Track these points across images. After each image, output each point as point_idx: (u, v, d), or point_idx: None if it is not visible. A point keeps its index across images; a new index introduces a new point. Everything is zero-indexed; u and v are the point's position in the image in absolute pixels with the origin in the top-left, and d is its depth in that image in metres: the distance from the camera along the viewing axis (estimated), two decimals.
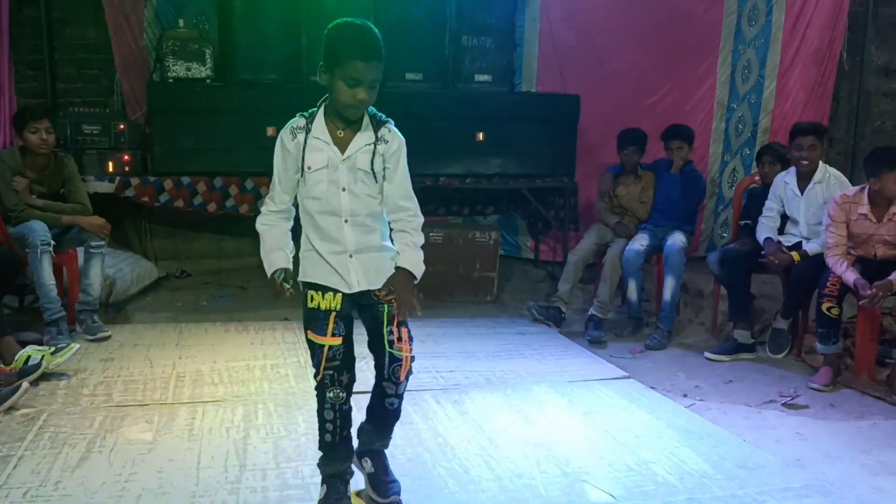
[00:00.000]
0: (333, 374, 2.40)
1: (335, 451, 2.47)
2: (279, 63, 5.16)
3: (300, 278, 2.46)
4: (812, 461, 3.05)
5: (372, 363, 2.50)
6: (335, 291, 2.40)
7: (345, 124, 2.38)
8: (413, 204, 2.45)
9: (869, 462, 3.06)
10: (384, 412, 2.52)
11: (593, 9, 5.88)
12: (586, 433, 3.19)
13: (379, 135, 2.38)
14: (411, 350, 2.46)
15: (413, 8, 5.35)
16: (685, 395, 3.83)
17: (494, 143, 5.47)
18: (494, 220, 6.22)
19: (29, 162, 4.26)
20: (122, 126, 4.97)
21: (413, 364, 2.48)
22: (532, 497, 2.64)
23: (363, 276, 2.41)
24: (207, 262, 5.86)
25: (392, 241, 2.50)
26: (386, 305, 2.43)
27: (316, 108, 2.42)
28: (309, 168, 2.36)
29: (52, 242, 4.10)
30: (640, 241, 4.85)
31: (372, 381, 2.53)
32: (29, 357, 3.56)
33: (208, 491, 2.59)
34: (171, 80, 4.98)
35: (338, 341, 2.39)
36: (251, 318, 4.77)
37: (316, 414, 2.46)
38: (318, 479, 2.54)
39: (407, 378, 2.47)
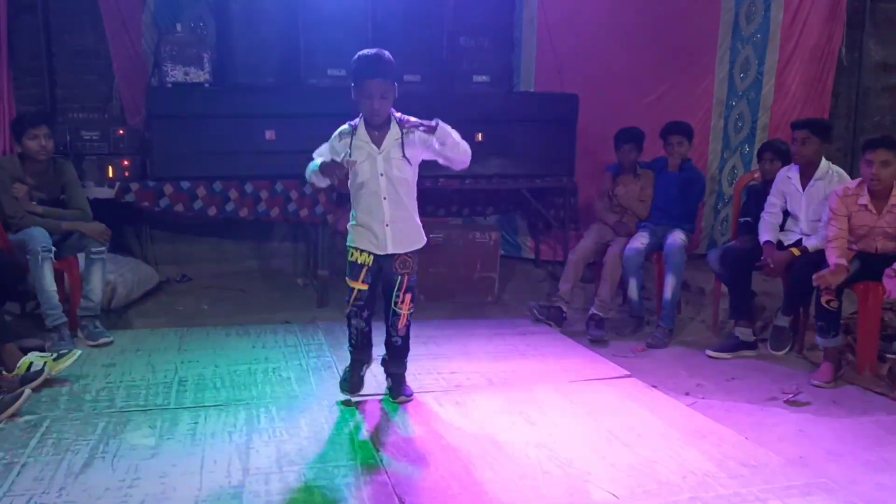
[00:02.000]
0: (357, 309, 3.37)
1: (357, 350, 3.48)
2: (277, 67, 5.16)
3: (348, 243, 3.36)
4: (815, 459, 3.05)
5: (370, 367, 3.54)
6: (370, 253, 3.30)
7: (377, 128, 3.25)
8: (462, 144, 3.28)
9: (872, 459, 3.06)
10: (393, 347, 3.47)
11: (591, 8, 5.88)
12: (588, 433, 3.19)
13: (404, 131, 3.26)
14: (409, 308, 3.40)
15: (410, 9, 5.35)
16: (687, 394, 3.83)
17: (493, 144, 5.47)
18: (494, 221, 6.22)
19: (28, 168, 4.27)
20: (121, 131, 4.97)
21: (410, 319, 3.43)
22: (535, 498, 2.64)
23: (393, 241, 3.29)
24: (208, 267, 5.86)
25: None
26: (400, 277, 3.33)
27: (358, 119, 3.28)
28: (356, 161, 3.20)
29: (53, 249, 4.10)
30: (641, 240, 4.86)
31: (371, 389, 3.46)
32: (31, 363, 3.57)
33: (211, 496, 2.59)
34: (169, 85, 4.98)
35: (365, 287, 3.35)
36: (252, 322, 4.78)
37: (347, 330, 3.48)
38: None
39: (406, 327, 3.43)
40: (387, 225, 3.28)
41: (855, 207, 4.02)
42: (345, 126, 3.31)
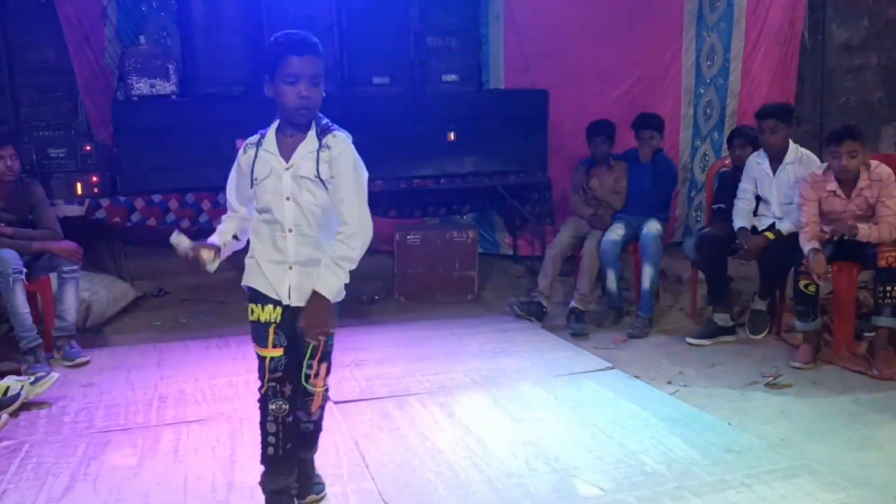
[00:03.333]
0: (276, 385, 2.40)
1: (278, 464, 2.44)
2: (243, 76, 5.11)
3: (243, 283, 2.47)
4: (797, 440, 3.08)
5: (353, 371, 2.66)
6: (275, 303, 2.40)
7: (295, 131, 2.38)
8: (355, 217, 2.35)
9: (853, 437, 3.10)
10: (302, 434, 2.52)
11: (556, 3, 5.88)
12: (573, 428, 3.20)
13: (323, 142, 2.35)
14: (325, 386, 2.49)
15: (375, 12, 5.32)
16: (669, 382, 3.85)
17: (466, 142, 5.47)
18: (471, 219, 6.22)
19: None
20: (88, 147, 4.90)
21: (327, 395, 2.53)
22: (522, 496, 2.64)
23: (297, 290, 2.38)
24: (185, 280, 5.79)
25: None
26: (310, 342, 2.40)
27: (273, 125, 2.44)
28: (256, 179, 2.39)
29: (24, 270, 4.04)
30: (616, 231, 4.88)
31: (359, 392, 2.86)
32: (8, 388, 3.51)
33: None
34: (135, 98, 4.92)
35: (279, 352, 2.40)
36: (232, 334, 4.72)
37: (259, 427, 2.45)
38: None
39: (321, 409, 2.52)
40: (290, 268, 2.38)
41: (824, 193, 4.06)
42: (254, 136, 2.45)
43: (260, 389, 2.44)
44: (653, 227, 4.79)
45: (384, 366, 4.02)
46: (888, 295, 3.81)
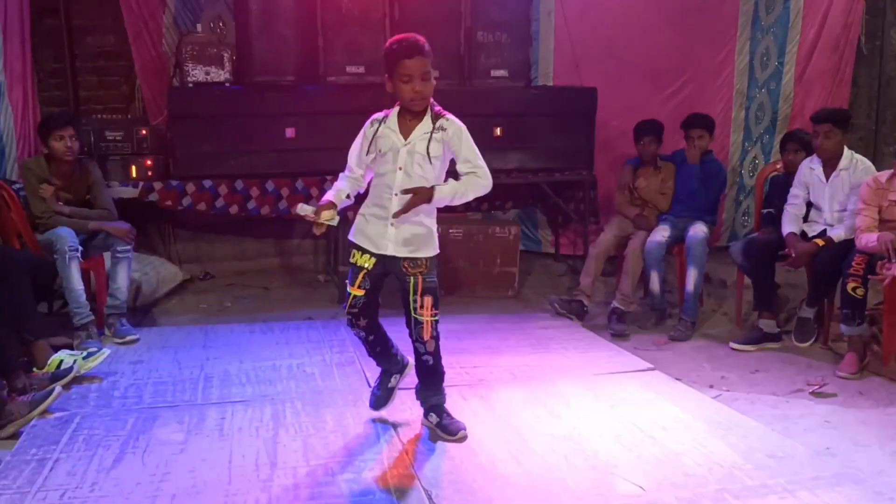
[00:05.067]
0: (352, 318, 3.02)
1: (377, 358, 3.18)
2: (297, 65, 5.18)
3: (349, 236, 3.03)
4: (842, 449, 3.04)
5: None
6: (371, 254, 2.95)
7: (411, 118, 2.92)
8: (483, 169, 2.94)
9: None
10: (423, 368, 3.06)
11: (608, 0, 5.86)
12: (613, 426, 3.20)
13: (437, 125, 2.89)
14: (433, 314, 2.97)
15: (427, 5, 5.35)
16: (711, 386, 3.82)
17: (512, 138, 5.47)
18: (514, 215, 6.22)
19: (54, 169, 4.32)
20: (143, 131, 5.02)
21: (436, 327, 2.99)
22: (561, 491, 2.65)
23: (394, 243, 2.91)
24: (230, 264, 5.92)
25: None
26: (412, 278, 2.93)
27: (394, 108, 2.96)
28: (380, 151, 2.92)
29: (80, 248, 4.16)
30: (662, 233, 4.85)
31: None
32: (62, 361, 3.62)
33: (241, 489, 2.62)
34: (190, 85, 5.02)
35: (361, 292, 2.97)
36: (275, 319, 4.81)
37: None
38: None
39: (433, 338, 2.99)
40: (391, 224, 2.90)
41: (886, 202, 4.00)
42: (376, 114, 2.99)
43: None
44: (699, 229, 4.75)
45: None
46: None
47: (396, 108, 2.94)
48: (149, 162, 4.97)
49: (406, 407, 3.35)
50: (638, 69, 5.89)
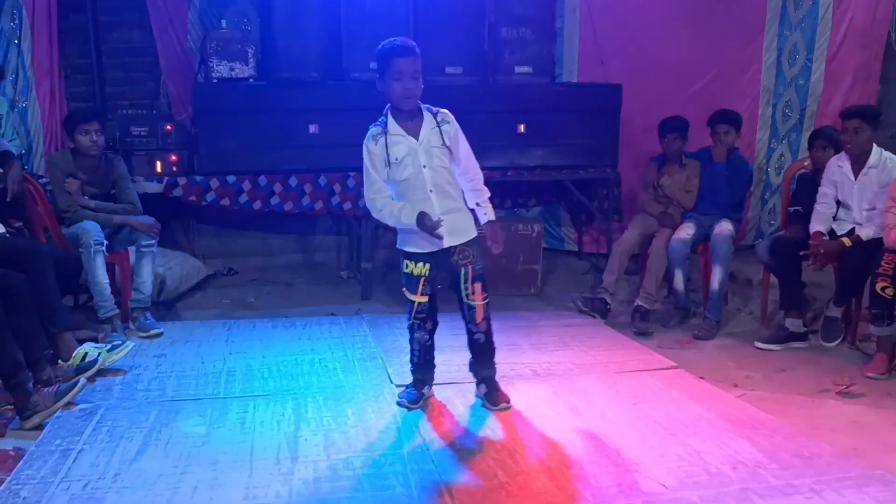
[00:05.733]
0: (420, 322, 3.24)
1: (419, 368, 3.35)
2: (320, 61, 5.18)
3: (398, 246, 3.20)
4: (869, 450, 2.99)
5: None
6: (424, 261, 3.12)
7: (408, 118, 3.05)
8: (477, 168, 3.20)
9: None
10: (475, 345, 3.28)
11: None
12: (636, 424, 3.17)
13: (438, 119, 3.08)
14: (484, 298, 3.21)
15: (451, 1, 5.34)
16: (736, 385, 3.78)
17: (536, 135, 5.44)
18: (537, 213, 6.19)
19: (80, 164, 4.36)
20: (168, 127, 5.05)
21: (488, 309, 3.24)
22: (583, 488, 2.62)
23: (449, 234, 3.07)
24: (253, 260, 5.94)
25: (467, 197, 3.23)
26: (462, 268, 3.14)
27: (383, 117, 3.08)
28: (396, 160, 3.03)
29: (105, 242, 4.19)
30: (686, 230, 4.80)
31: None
32: (86, 354, 3.65)
33: (262, 482, 2.63)
34: (215, 81, 5.04)
35: (425, 299, 3.19)
36: (298, 314, 4.82)
37: (409, 344, 3.35)
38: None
39: (485, 320, 3.23)
40: (439, 219, 3.05)
41: None
42: (372, 128, 3.10)
43: (408, 321, 3.26)
44: (725, 227, 4.70)
45: (445, 353, 4.00)
46: None
47: (389, 117, 3.07)
48: (173, 157, 5.00)
49: (428, 403, 3.34)
50: (663, 65, 5.83)
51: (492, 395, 3.31)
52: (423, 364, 3.34)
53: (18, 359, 3.17)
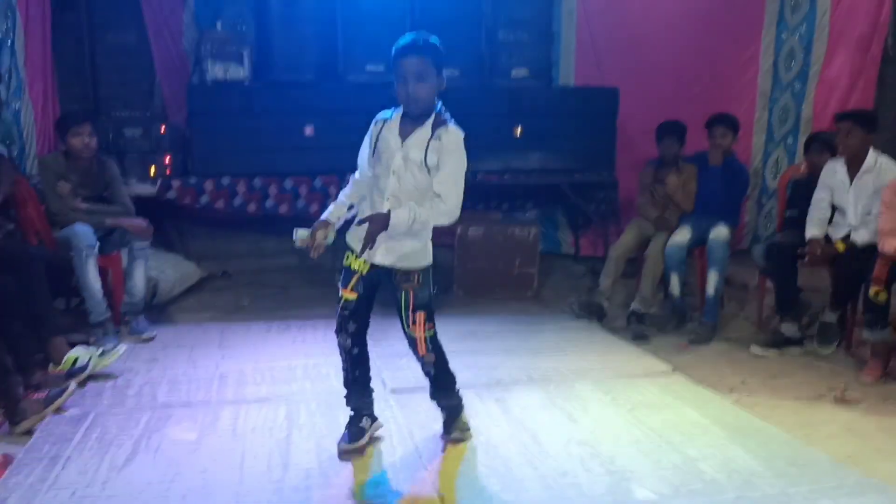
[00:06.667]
0: (342, 321, 2.87)
1: (350, 388, 2.97)
2: (316, 63, 5.17)
3: (346, 238, 2.85)
4: (865, 458, 2.97)
5: (409, 362, 3.03)
6: (367, 260, 2.78)
7: (413, 121, 2.76)
8: (449, 196, 2.70)
9: None
10: (428, 377, 2.97)
11: (631, 0, 5.80)
12: (631, 430, 3.14)
13: (436, 133, 2.71)
14: (429, 328, 2.84)
15: (448, 4, 5.34)
16: (731, 391, 3.75)
17: (533, 138, 5.43)
18: (534, 216, 6.17)
19: (72, 166, 4.33)
20: (162, 129, 5.03)
21: (430, 343, 2.86)
22: (576, 496, 2.60)
23: (385, 253, 2.75)
24: (248, 263, 5.91)
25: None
26: (403, 292, 2.80)
27: (397, 107, 2.81)
28: (378, 151, 2.79)
29: (97, 245, 4.16)
30: (682, 234, 4.78)
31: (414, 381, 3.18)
32: (77, 358, 3.62)
33: (252, 490, 2.60)
34: (210, 83, 5.02)
35: (353, 296, 2.84)
36: (292, 318, 4.80)
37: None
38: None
39: (429, 353, 2.86)
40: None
41: None
42: (384, 111, 2.86)
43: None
44: (721, 231, 4.68)
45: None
46: None
47: (401, 110, 2.80)
48: (167, 159, 4.98)
49: (421, 409, 3.31)
50: (660, 69, 5.83)
51: (448, 423, 3.02)
52: (353, 383, 2.95)
53: (8, 363, 3.14)
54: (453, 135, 2.72)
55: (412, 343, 2.86)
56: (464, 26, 5.38)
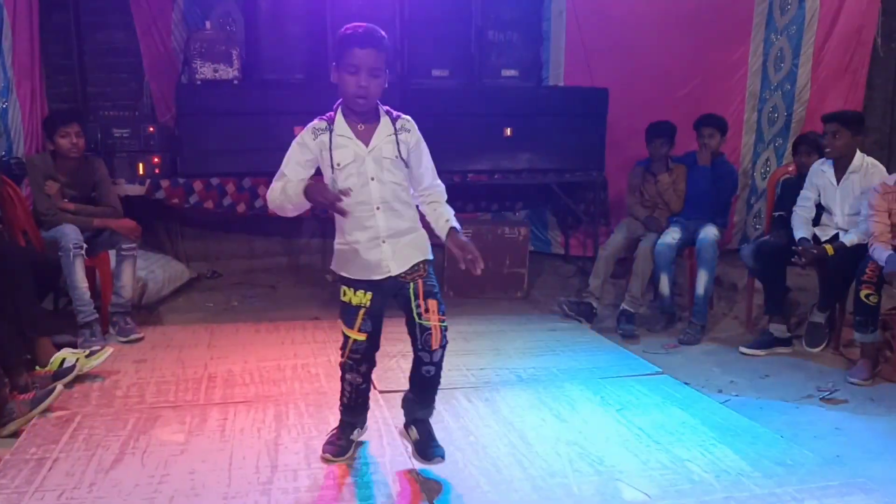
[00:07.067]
0: (353, 363, 2.71)
1: (350, 409, 2.85)
2: (305, 63, 5.15)
3: (331, 267, 2.69)
4: (852, 458, 2.98)
5: (399, 362, 2.86)
6: (366, 289, 2.61)
7: (361, 119, 2.57)
8: (439, 180, 2.72)
9: None
10: (422, 380, 2.68)
11: (621, 0, 5.80)
12: (620, 430, 3.15)
13: (398, 126, 2.59)
14: (441, 320, 2.62)
15: (438, 4, 5.32)
16: (720, 391, 3.77)
17: (522, 138, 5.43)
18: (524, 216, 6.18)
19: (60, 166, 4.31)
20: (151, 129, 5.00)
21: (445, 334, 2.63)
22: (565, 496, 2.60)
23: (394, 260, 2.60)
24: (238, 263, 5.90)
25: (423, 213, 2.74)
26: (411, 283, 2.61)
27: (332, 112, 2.60)
28: (338, 165, 2.55)
29: (85, 245, 4.14)
30: (672, 235, 4.80)
31: (404, 382, 2.84)
32: (64, 360, 3.60)
33: (240, 492, 2.59)
34: (199, 82, 5.00)
35: (362, 337, 2.65)
36: (282, 318, 4.79)
37: (341, 381, 2.81)
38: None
39: (442, 347, 2.62)
40: (383, 241, 2.58)
41: (895, 205, 3.93)
42: (316, 121, 2.60)
43: (340, 358, 2.73)
44: (710, 232, 4.70)
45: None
46: None
47: (339, 113, 2.58)
48: (156, 159, 4.95)
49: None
50: (650, 69, 5.83)
51: (426, 447, 2.71)
52: (353, 407, 2.84)
53: None
54: (412, 122, 2.65)
55: (425, 333, 2.58)
56: (453, 26, 5.37)
